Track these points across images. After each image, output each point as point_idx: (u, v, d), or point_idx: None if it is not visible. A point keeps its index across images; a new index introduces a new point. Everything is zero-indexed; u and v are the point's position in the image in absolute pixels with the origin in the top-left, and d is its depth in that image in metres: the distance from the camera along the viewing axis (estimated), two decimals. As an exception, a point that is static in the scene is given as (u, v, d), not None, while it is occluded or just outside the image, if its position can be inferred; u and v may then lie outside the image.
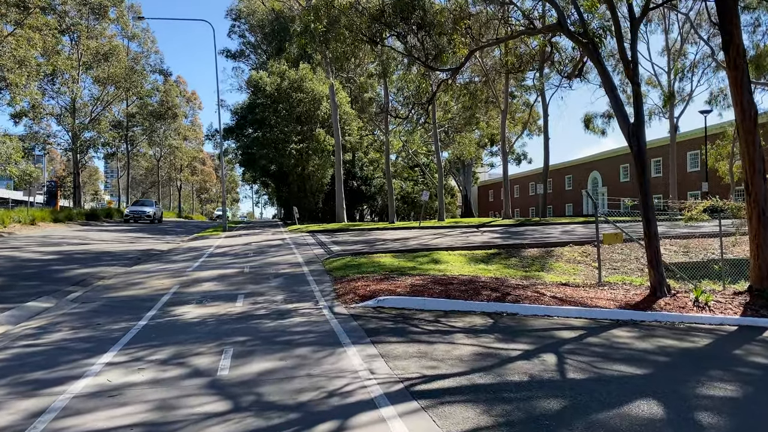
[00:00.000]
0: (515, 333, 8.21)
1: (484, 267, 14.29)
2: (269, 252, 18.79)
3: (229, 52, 61.24)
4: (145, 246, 22.52)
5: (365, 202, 50.54)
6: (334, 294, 10.76)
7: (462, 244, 18.17)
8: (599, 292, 11.81)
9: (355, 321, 8.47)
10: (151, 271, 14.77)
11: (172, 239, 27.03)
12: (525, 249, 16.72)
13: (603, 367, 6.57)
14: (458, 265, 14.41)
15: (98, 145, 45.15)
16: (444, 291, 10.60)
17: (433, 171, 48.04)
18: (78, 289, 12.06)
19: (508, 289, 11.16)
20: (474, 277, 12.52)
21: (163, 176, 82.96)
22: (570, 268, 14.93)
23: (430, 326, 8.38)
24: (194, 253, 19.21)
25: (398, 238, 22.70)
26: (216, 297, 10.75)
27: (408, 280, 11.69)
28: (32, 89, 28.79)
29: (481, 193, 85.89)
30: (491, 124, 39.16)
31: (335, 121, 33.35)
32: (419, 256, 15.52)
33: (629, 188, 54.42)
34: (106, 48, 42.27)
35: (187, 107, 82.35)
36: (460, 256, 15.66)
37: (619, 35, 11.76)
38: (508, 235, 22.79)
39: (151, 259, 17.80)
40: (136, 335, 7.85)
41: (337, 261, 15.01)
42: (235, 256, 17.79)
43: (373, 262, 14.42)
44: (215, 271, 14.13)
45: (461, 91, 23.67)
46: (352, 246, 19.39)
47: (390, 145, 32.40)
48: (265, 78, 38.01)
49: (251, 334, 7.77)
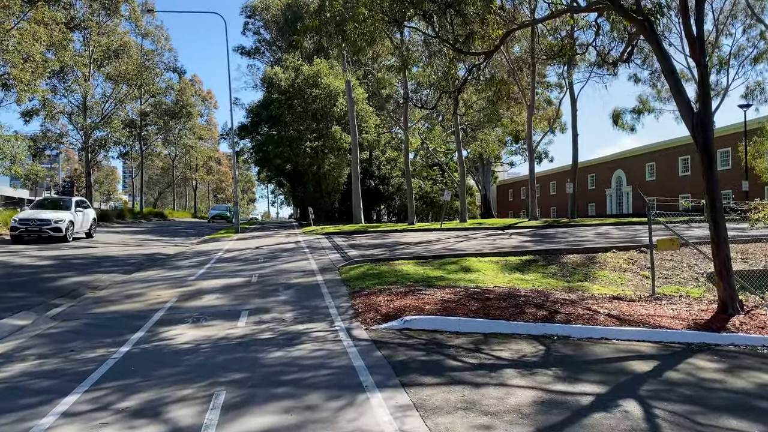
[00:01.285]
0: (576, 366, 6.64)
1: (520, 276, 12.69)
2: (281, 257, 17.35)
3: (244, 50, 60.19)
4: (151, 249, 21.25)
5: (383, 202, 49.05)
6: (352, 311, 9.25)
7: (491, 249, 16.57)
8: (658, 308, 10.18)
9: (379, 350, 6.95)
10: (150, 279, 13.40)
11: (181, 242, 25.79)
12: (564, 255, 15.08)
13: (709, 423, 4.99)
14: (491, 274, 12.83)
15: (110, 144, 44.07)
16: (481, 308, 9.04)
17: (453, 169, 46.43)
18: (65, 302, 10.71)
19: (554, 305, 9.57)
20: (512, 289, 10.94)
21: (178, 176, 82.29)
22: (616, 277, 13.27)
23: (470, 357, 6.84)
24: (201, 258, 17.85)
25: (420, 241, 21.16)
26: (216, 314, 9.31)
27: (437, 293, 10.15)
28: (38, 86, 27.67)
29: (500, 192, 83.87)
30: (515, 120, 37.40)
31: (352, 117, 31.89)
32: (447, 263, 13.97)
33: (655, 187, 52.30)
34: (116, 44, 41.15)
35: (203, 106, 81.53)
36: (492, 263, 14.07)
37: (684, 9, 10.08)
38: (538, 238, 21.14)
39: (154, 265, 16.47)
40: (112, 368, 6.41)
41: (355, 269, 13.52)
42: (244, 262, 16.38)
43: (395, 271, 12.90)
44: (220, 281, 12.71)
45: (486, 84, 22.08)
46: (370, 250, 17.90)
47: (408, 142, 30.81)
48: (279, 73, 36.67)
49: (251, 368, 6.29)
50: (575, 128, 30.51)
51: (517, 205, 79.98)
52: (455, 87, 13.79)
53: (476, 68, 12.54)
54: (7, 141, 26.16)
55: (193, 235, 30.02)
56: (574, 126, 30.48)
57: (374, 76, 33.64)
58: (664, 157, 51.09)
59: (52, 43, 28.78)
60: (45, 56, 28.01)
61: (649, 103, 39.39)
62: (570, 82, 30.51)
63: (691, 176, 47.87)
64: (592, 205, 61.18)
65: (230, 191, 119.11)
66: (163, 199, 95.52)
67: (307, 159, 36.83)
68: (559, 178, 65.56)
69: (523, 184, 78.48)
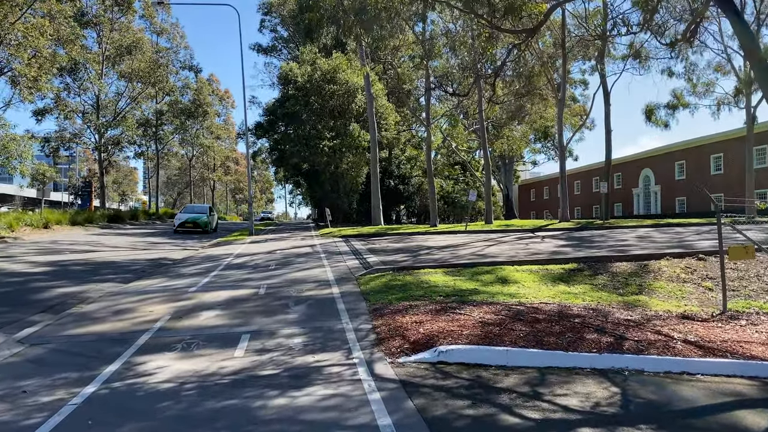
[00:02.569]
0: (670, 421, 5.01)
1: (566, 289, 11.02)
2: (294, 263, 15.86)
3: (261, 47, 58.95)
4: (158, 254, 19.93)
5: (402, 202, 47.41)
6: (373, 335, 7.69)
7: (527, 256, 14.91)
8: (740, 331, 8.45)
9: (410, 398, 5.37)
10: (147, 290, 11.97)
11: (192, 245, 24.48)
12: (611, 263, 13.35)
13: None
14: (533, 286, 11.18)
15: (123, 143, 43.03)
16: (530, 333, 7.42)
17: (476, 168, 44.69)
18: (43, 319, 9.30)
19: (617, 328, 7.92)
20: (562, 306, 9.28)
21: (195, 176, 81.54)
22: (675, 289, 11.53)
23: (531, 408, 5.23)
24: (209, 264, 16.43)
25: (445, 245, 19.54)
26: (211, 337, 7.82)
27: (474, 312, 8.54)
28: (45, 83, 26.55)
29: (522, 192, 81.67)
30: (544, 116, 35.55)
31: (371, 114, 30.35)
32: (480, 272, 12.34)
33: (685, 186, 50.10)
34: (129, 41, 40.06)
35: (220, 106, 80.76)
36: (532, 273, 12.41)
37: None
38: (575, 242, 19.39)
39: (156, 272, 15.08)
40: (64, 422, 4.93)
41: (376, 279, 11.96)
42: (254, 269, 14.91)
43: (422, 282, 11.31)
44: (224, 293, 11.23)
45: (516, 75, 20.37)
46: (392, 256, 16.33)
47: (430, 139, 29.13)
48: (295, 69, 35.23)
49: (242, 426, 4.76)
50: (608, 124, 28.61)
51: (539, 206, 77.85)
52: (494, 69, 12.14)
53: (517, 48, 10.93)
54: (12, 140, 25.03)
55: (206, 238, 28.74)
56: (607, 121, 28.58)
57: (393, 67, 31.87)
58: (695, 155, 48.91)
59: (60, 38, 27.66)
60: (52, 51, 26.85)
61: (684, 98, 37.21)
62: (602, 74, 28.59)
63: (724, 175, 45.62)
64: (618, 205, 58.92)
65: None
66: (182, 200, 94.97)
67: (325, 158, 35.34)
68: (584, 178, 63.39)
69: (546, 183, 76.29)
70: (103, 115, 44.15)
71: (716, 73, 36.74)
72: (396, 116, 38.03)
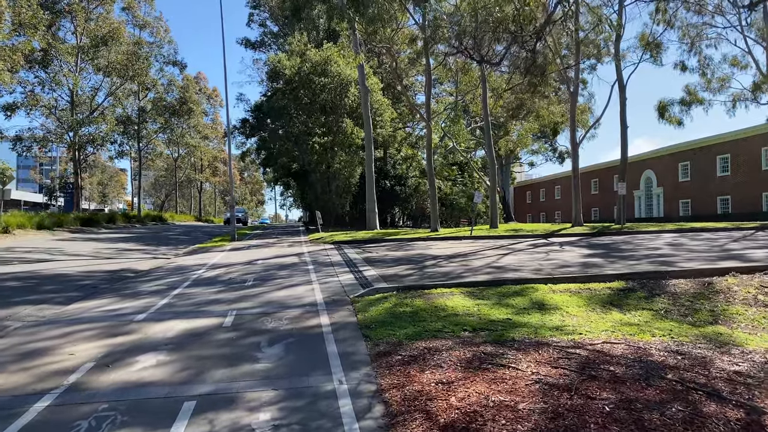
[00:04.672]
0: None
1: (622, 317, 8.53)
2: (276, 278, 13.27)
3: (249, 42, 56.26)
4: (122, 264, 17.28)
5: (398, 204, 44.80)
6: (380, 409, 5.11)
7: (555, 270, 12.40)
8: None
9: None
10: (83, 317, 9.35)
11: (165, 252, 21.84)
12: (664, 280, 10.85)
13: None
14: (580, 314, 8.67)
15: (99, 141, 40.08)
16: (621, 406, 4.87)
17: (474, 168, 42.19)
18: None
19: (736, 389, 5.41)
20: (635, 348, 6.75)
21: (181, 177, 78.64)
22: (759, 317, 9.04)
23: None
24: (175, 278, 13.82)
25: (452, 254, 17.02)
26: (139, 409, 5.23)
27: (522, 363, 6.00)
28: (1, 71, 23.75)
29: (518, 194, 79.58)
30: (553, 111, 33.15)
31: (365, 108, 27.79)
32: (507, 293, 9.81)
33: (689, 188, 48.07)
34: (104, 30, 37.18)
35: (208, 105, 78.03)
36: (572, 294, 9.88)
37: None
38: (601, 250, 16.92)
39: (110, 289, 12.46)
40: None
41: (377, 303, 9.39)
42: (226, 286, 12.31)
43: (437, 308, 8.77)
44: (179, 324, 8.63)
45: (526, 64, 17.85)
46: (392, 268, 13.79)
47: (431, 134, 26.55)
48: (284, 60, 32.55)
49: None
50: (624, 118, 26.18)
51: (535, 208, 75.75)
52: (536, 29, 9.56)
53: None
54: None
55: (185, 242, 26.08)
56: (622, 116, 26.16)
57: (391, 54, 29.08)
58: (700, 157, 46.95)
59: (22, 22, 24.89)
60: (8, 33, 24.01)
61: (697, 94, 34.99)
62: (618, 64, 26.22)
63: (731, 177, 43.60)
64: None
65: (238, 192, 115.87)
66: (170, 201, 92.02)
67: (315, 156, 32.71)
68: (584, 180, 61.29)
69: (543, 185, 74.17)
70: (80, 112, 41.34)
71: (733, 68, 34.60)
72: (392, 112, 35.45)
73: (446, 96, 44.27)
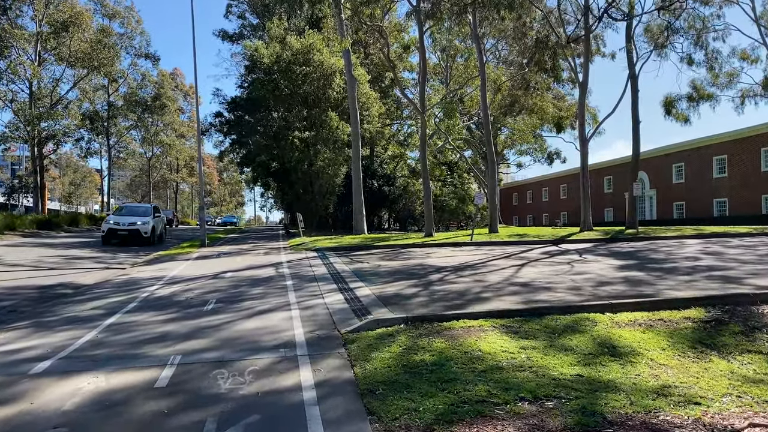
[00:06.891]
0: None
1: (732, 367, 5.98)
2: (245, 298, 10.53)
3: (227, 34, 53.13)
4: (63, 276, 14.40)
5: (386, 206, 42.08)
6: None
7: (594, 287, 9.85)
8: None
9: None
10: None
11: (124, 259, 18.99)
12: (753, 306, 8.32)
13: None
14: (670, 361, 6.10)
15: (59, 136, 36.79)
16: None
17: (463, 169, 39.70)
18: None
19: None
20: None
21: (155, 177, 75.15)
22: None
23: None
24: (119, 298, 11.03)
25: (457, 264, 14.42)
26: None
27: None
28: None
29: (504, 196, 77.50)
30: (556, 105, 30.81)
31: (352, 100, 25.13)
32: (556, 327, 7.20)
33: (684, 190, 46.30)
34: (65, 15, 33.96)
35: (185, 102, 74.79)
36: (645, 328, 7.29)
37: None
38: (633, 261, 14.45)
39: (29, 314, 9.65)
40: None
41: (382, 348, 6.65)
42: (180, 311, 9.54)
43: (469, 355, 6.13)
44: (92, 380, 5.87)
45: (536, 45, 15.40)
46: (391, 284, 11.13)
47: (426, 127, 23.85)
48: (261, 49, 29.71)
49: None
50: (636, 113, 23.88)
51: (522, 210, 73.83)
52: None
53: None
54: None
55: (149, 249, 23.14)
56: (634, 111, 23.83)
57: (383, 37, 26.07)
58: (696, 158, 45.29)
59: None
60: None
61: (704, 89, 32.87)
62: (629, 55, 23.92)
63: (728, 179, 41.83)
64: (609, 211, 54.87)
65: (216, 194, 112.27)
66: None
67: (296, 153, 29.91)
68: (571, 181, 59.43)
69: (530, 187, 72.20)
70: (42, 105, 38.05)
71: (742, 61, 32.57)
72: (380, 106, 32.76)
73: (441, 86, 41.69)
